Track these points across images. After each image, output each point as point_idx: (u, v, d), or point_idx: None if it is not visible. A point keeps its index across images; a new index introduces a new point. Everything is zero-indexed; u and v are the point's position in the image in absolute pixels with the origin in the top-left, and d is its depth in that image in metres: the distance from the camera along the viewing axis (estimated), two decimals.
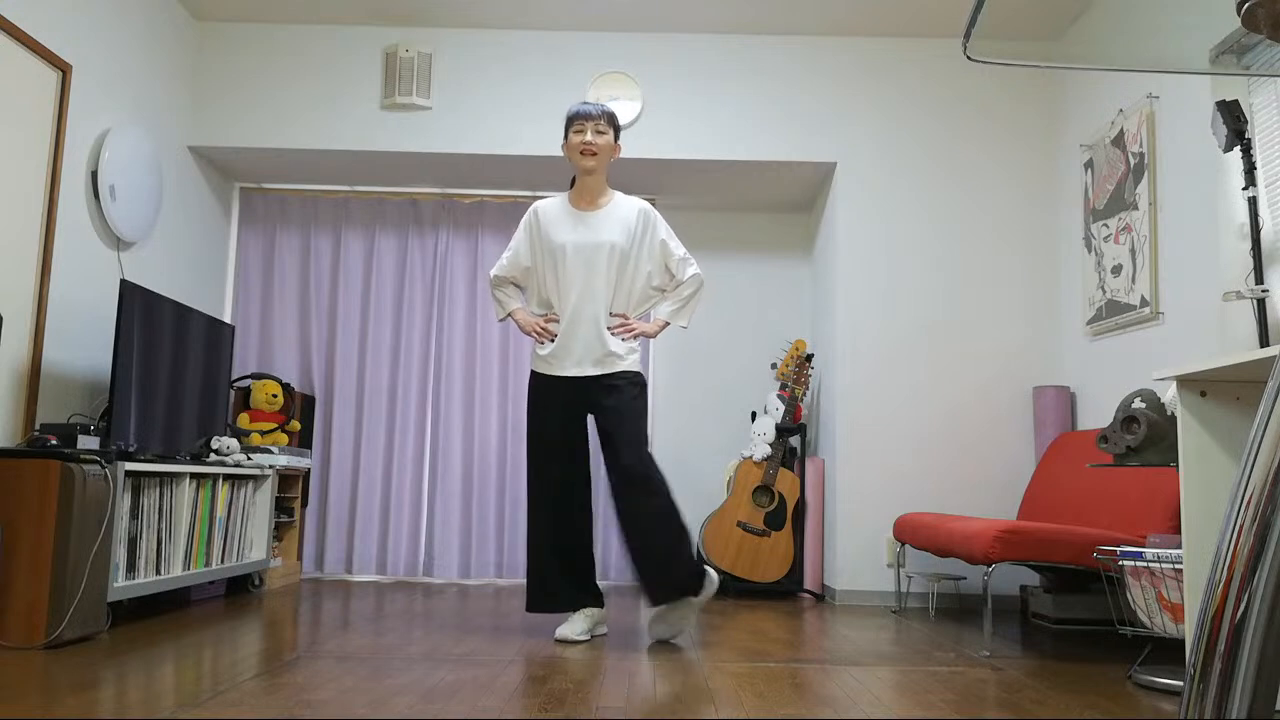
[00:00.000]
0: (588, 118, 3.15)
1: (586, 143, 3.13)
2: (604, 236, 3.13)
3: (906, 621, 3.67)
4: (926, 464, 4.27)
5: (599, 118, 3.16)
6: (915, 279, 4.38)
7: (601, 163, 3.17)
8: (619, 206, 3.21)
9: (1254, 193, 2.55)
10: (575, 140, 3.15)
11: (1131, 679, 2.58)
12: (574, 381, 3.10)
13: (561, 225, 3.17)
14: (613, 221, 3.16)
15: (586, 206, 3.20)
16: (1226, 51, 3.18)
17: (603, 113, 3.17)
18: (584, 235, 3.13)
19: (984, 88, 4.46)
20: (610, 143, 3.19)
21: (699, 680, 2.43)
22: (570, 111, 3.19)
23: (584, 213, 3.19)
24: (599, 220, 3.17)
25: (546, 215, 3.22)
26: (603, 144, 3.16)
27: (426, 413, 4.84)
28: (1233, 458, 2.18)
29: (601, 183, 3.22)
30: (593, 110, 3.16)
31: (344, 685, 2.26)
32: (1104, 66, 1.21)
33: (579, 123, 3.16)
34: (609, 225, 3.15)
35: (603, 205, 3.20)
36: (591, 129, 3.15)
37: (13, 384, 3.30)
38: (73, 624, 2.71)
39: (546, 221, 3.20)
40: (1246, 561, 0.65)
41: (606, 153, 3.18)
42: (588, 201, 3.21)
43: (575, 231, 3.15)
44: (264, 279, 4.91)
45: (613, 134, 3.20)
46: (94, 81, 3.71)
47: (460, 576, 4.71)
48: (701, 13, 4.32)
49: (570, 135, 3.17)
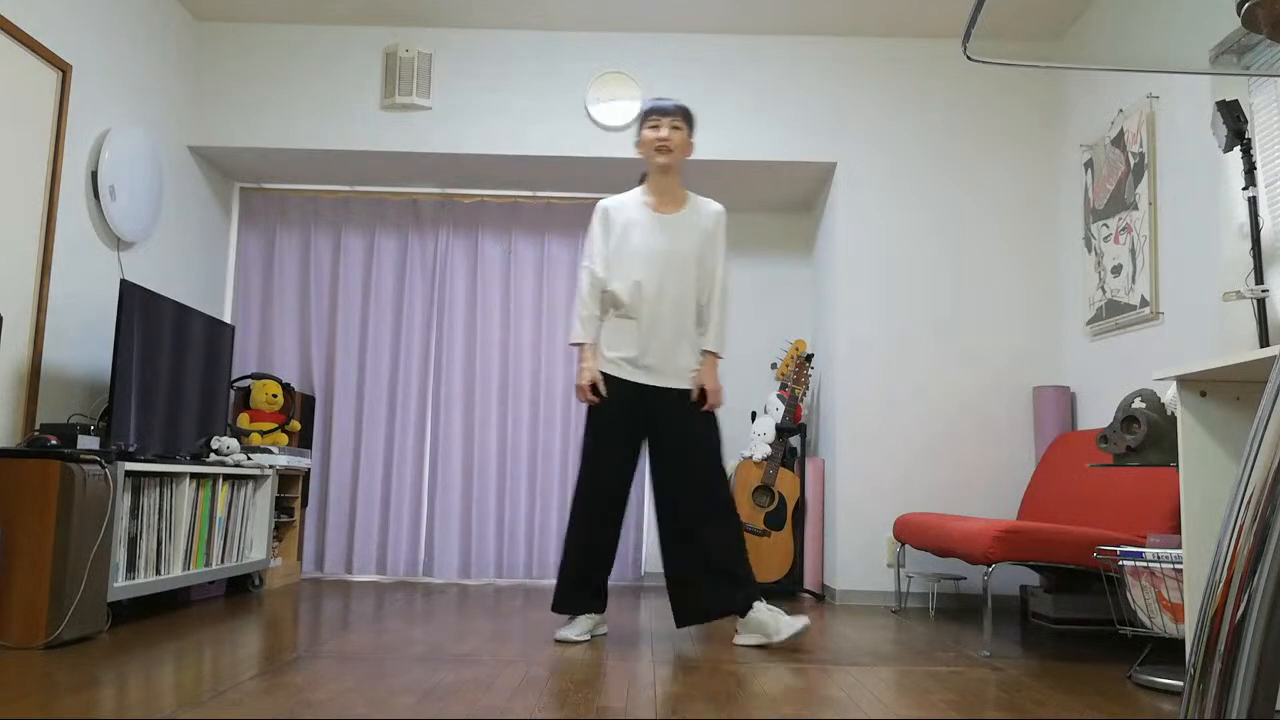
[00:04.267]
0: (663, 113, 3.05)
1: (662, 139, 3.03)
2: (687, 244, 3.03)
3: (906, 621, 3.67)
4: (926, 464, 4.27)
5: (675, 113, 3.06)
6: (915, 279, 4.38)
7: (676, 159, 3.06)
8: (698, 210, 3.10)
9: (1254, 193, 2.55)
10: (649, 135, 3.05)
11: (1131, 679, 2.58)
12: (647, 390, 3.04)
13: (641, 228, 3.05)
14: (693, 228, 3.07)
15: (666, 208, 3.08)
16: (1226, 51, 3.18)
17: (678, 108, 3.07)
18: (668, 242, 3.03)
19: (984, 88, 4.46)
20: (685, 139, 3.08)
21: (699, 680, 2.43)
22: (645, 106, 3.10)
23: (664, 216, 3.07)
24: (680, 225, 3.06)
25: (622, 216, 3.09)
26: (678, 140, 3.05)
27: (426, 413, 4.84)
28: (1233, 458, 2.17)
29: (676, 181, 3.12)
30: (668, 105, 3.07)
31: (344, 685, 2.26)
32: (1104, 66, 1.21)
33: (654, 118, 3.06)
34: (690, 232, 3.06)
35: (683, 207, 3.09)
36: (667, 124, 3.04)
37: (13, 384, 3.30)
38: (73, 624, 2.71)
39: (623, 222, 3.08)
40: (1246, 561, 0.65)
41: (682, 150, 3.07)
42: (666, 203, 3.09)
43: (658, 237, 3.03)
44: (264, 279, 4.91)
45: (688, 130, 3.09)
46: (94, 81, 3.71)
47: (460, 576, 4.71)
48: (701, 13, 4.32)
49: (644, 130, 3.07)
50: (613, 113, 4.42)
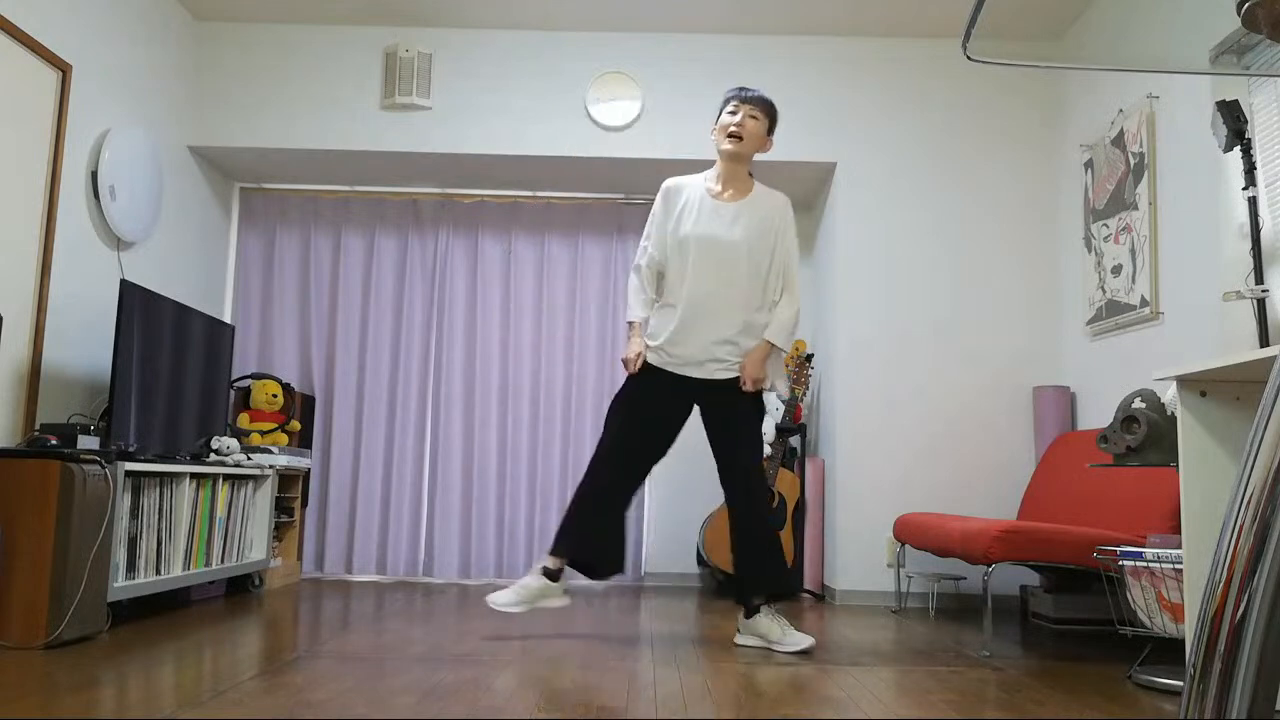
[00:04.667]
0: (743, 100, 3.02)
1: (737, 124, 2.99)
2: (740, 234, 2.98)
3: (906, 621, 3.67)
4: (926, 464, 4.27)
5: (755, 103, 3.02)
6: (915, 279, 4.38)
7: (747, 149, 3.02)
8: (759, 202, 3.05)
9: (1254, 193, 2.55)
10: (726, 120, 3.01)
11: (1131, 679, 2.58)
12: (685, 380, 3.01)
13: (696, 213, 3.01)
14: (751, 218, 3.01)
15: (727, 196, 3.04)
16: (1226, 51, 3.18)
17: (761, 99, 3.03)
18: (722, 230, 2.98)
19: (984, 88, 4.46)
20: (762, 132, 3.03)
21: (699, 680, 2.43)
22: (728, 92, 3.07)
23: (723, 204, 3.03)
24: (739, 215, 3.01)
25: (681, 198, 3.06)
26: (752, 129, 3.00)
27: (426, 413, 4.84)
28: (1233, 458, 2.17)
29: (743, 172, 3.07)
30: (750, 95, 3.03)
31: (344, 685, 2.26)
32: (1104, 66, 1.21)
33: (733, 104, 3.02)
34: (746, 222, 3.00)
35: (745, 197, 3.05)
36: (745, 112, 3.00)
37: (13, 384, 3.30)
38: (73, 624, 2.71)
39: (681, 205, 3.04)
40: (1246, 561, 0.65)
41: (755, 141, 3.02)
42: (728, 190, 3.05)
43: (710, 224, 2.99)
44: (264, 279, 4.91)
45: (767, 124, 3.05)
46: (94, 81, 3.71)
47: (460, 576, 4.71)
48: (701, 13, 4.32)
49: (723, 115, 3.03)
50: (613, 113, 4.42)
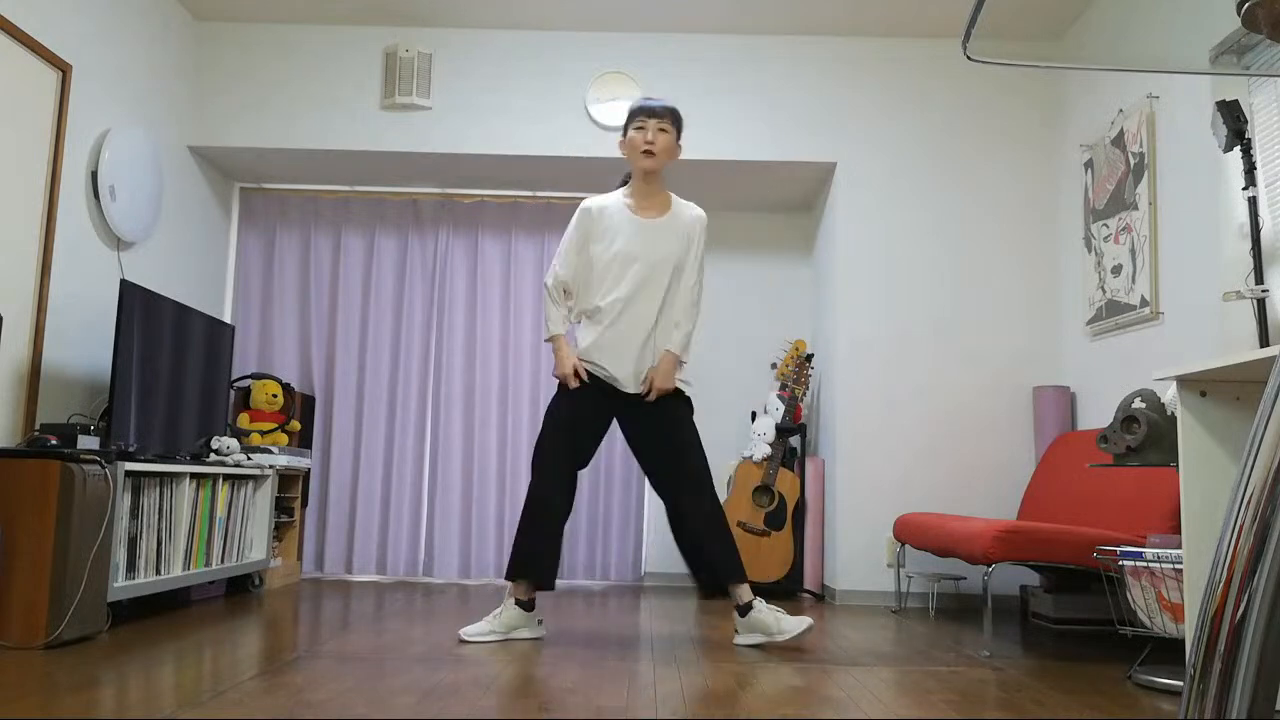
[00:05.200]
0: (650, 113, 2.98)
1: (648, 141, 2.96)
2: (665, 250, 3.00)
3: (906, 621, 3.67)
4: (926, 464, 4.28)
5: (662, 114, 2.99)
6: (915, 279, 4.38)
7: (661, 163, 3.00)
8: (679, 216, 3.06)
9: (1254, 193, 2.55)
10: (635, 137, 2.99)
11: (1131, 679, 2.58)
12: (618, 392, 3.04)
13: (621, 232, 3.01)
14: (673, 233, 3.03)
15: (648, 213, 3.04)
16: (1226, 51, 3.18)
17: (666, 109, 3.00)
18: (646, 247, 2.99)
19: (984, 88, 4.46)
20: (672, 142, 3.02)
21: (699, 680, 2.43)
22: (632, 106, 3.03)
23: (646, 220, 3.02)
24: (660, 231, 3.02)
25: (604, 217, 3.04)
26: (664, 143, 2.99)
27: (426, 413, 4.84)
28: (1233, 458, 2.18)
29: (660, 185, 3.07)
30: (655, 106, 3.00)
31: (344, 685, 2.26)
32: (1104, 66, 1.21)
33: (640, 118, 2.99)
34: (670, 237, 3.02)
35: (664, 213, 3.05)
36: (654, 126, 2.97)
37: (13, 384, 3.30)
38: (73, 624, 2.71)
39: (604, 226, 3.03)
40: (1246, 561, 0.65)
41: (667, 153, 3.01)
42: (649, 207, 3.05)
43: (637, 241, 3.00)
44: (264, 279, 4.91)
45: (675, 133, 3.03)
46: (94, 81, 3.71)
47: (460, 576, 4.71)
48: (701, 13, 4.32)
49: (630, 131, 3.01)
50: (613, 113, 4.42)
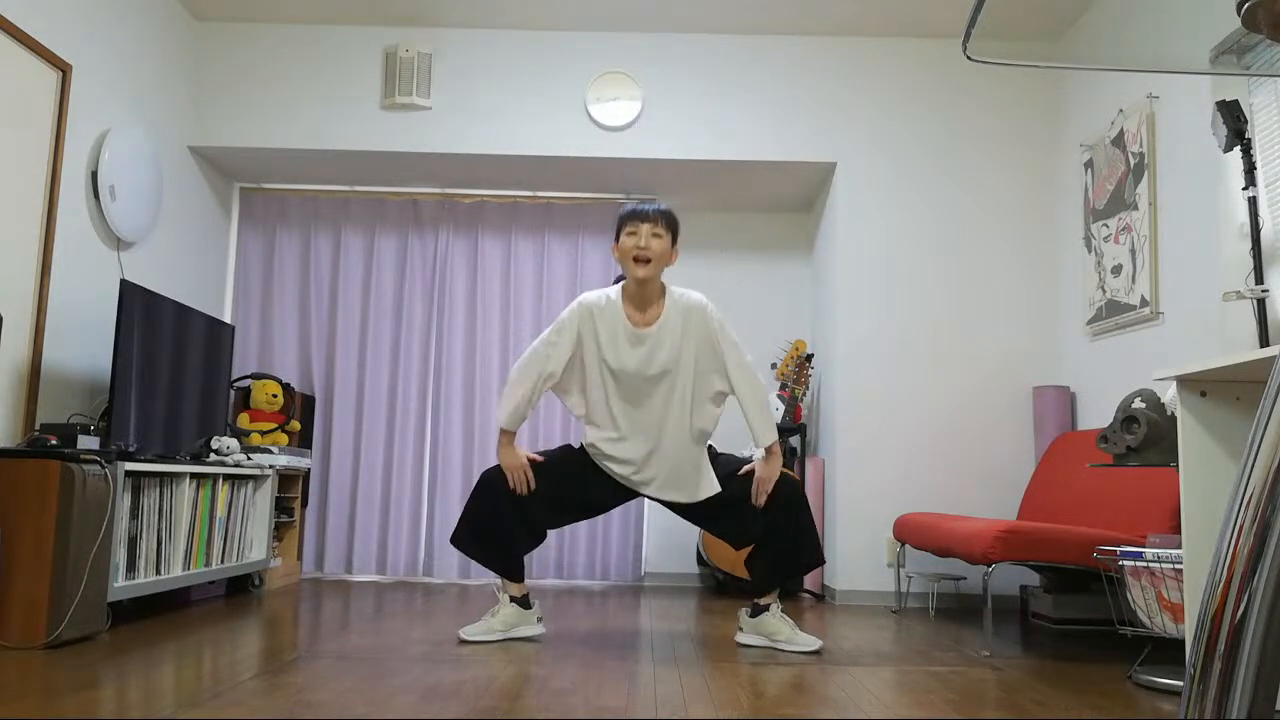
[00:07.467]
0: (643, 218, 2.83)
1: (641, 248, 2.81)
2: (665, 358, 2.86)
3: (906, 621, 3.67)
4: (926, 464, 4.27)
5: (656, 219, 2.84)
6: (915, 279, 4.38)
7: (656, 270, 2.83)
8: (677, 315, 2.89)
9: (1254, 193, 2.55)
10: (628, 244, 2.83)
11: (1131, 679, 2.58)
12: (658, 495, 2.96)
13: (619, 344, 2.87)
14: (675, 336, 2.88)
15: (644, 323, 2.88)
16: (1226, 51, 3.18)
17: (660, 213, 2.85)
18: (647, 361, 2.86)
19: (984, 88, 4.46)
20: (667, 248, 2.85)
21: (699, 680, 2.43)
22: (623, 212, 2.89)
23: (642, 331, 2.87)
24: (659, 341, 2.87)
25: (603, 327, 2.89)
26: (659, 249, 2.82)
27: (426, 413, 4.84)
28: (1233, 458, 2.18)
29: (656, 291, 2.90)
30: (649, 210, 2.85)
31: (344, 685, 2.26)
32: (1104, 66, 1.21)
33: (632, 224, 2.84)
34: (671, 342, 2.87)
35: (661, 315, 2.89)
36: (647, 232, 2.82)
37: (13, 384, 3.30)
38: (73, 624, 2.71)
39: (603, 337, 2.89)
40: (1246, 561, 0.65)
41: (662, 259, 2.84)
42: (644, 314, 2.90)
43: (635, 355, 2.86)
44: (264, 279, 4.91)
45: (670, 237, 2.87)
46: (94, 81, 3.71)
47: (460, 576, 4.71)
48: (701, 13, 4.32)
49: (622, 237, 2.85)
50: (613, 113, 4.42)
